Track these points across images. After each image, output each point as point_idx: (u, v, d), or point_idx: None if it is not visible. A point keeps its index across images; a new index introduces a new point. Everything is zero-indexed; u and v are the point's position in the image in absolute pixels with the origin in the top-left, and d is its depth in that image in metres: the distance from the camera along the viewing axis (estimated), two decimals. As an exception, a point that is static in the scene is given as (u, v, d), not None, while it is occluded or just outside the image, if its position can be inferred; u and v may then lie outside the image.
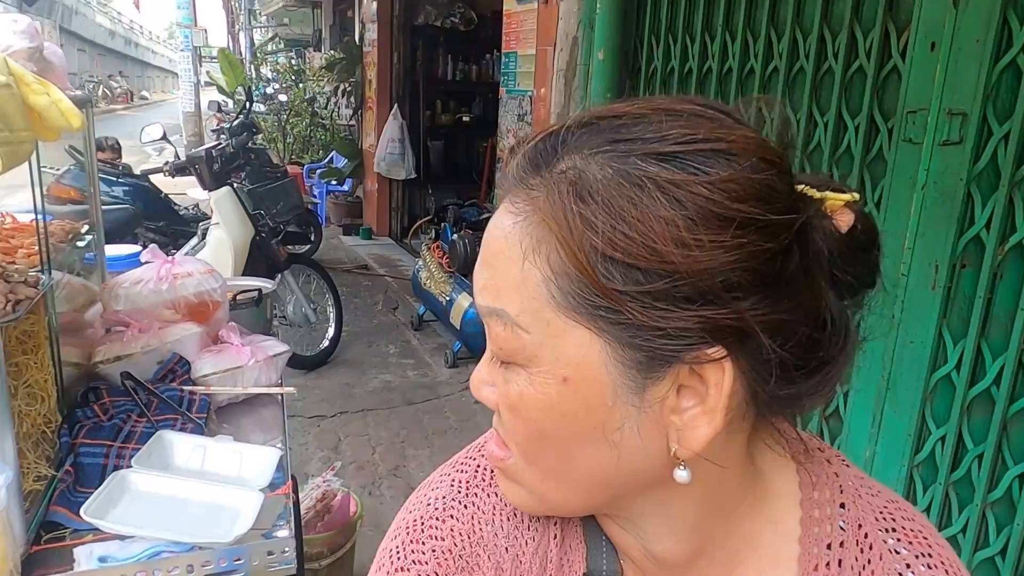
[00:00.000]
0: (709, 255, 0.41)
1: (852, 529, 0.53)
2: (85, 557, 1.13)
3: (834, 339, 0.48)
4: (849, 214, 0.48)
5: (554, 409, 0.46)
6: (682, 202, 0.41)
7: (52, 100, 1.17)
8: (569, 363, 0.45)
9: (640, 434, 0.46)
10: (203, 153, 3.74)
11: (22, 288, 1.21)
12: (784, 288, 0.44)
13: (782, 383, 0.46)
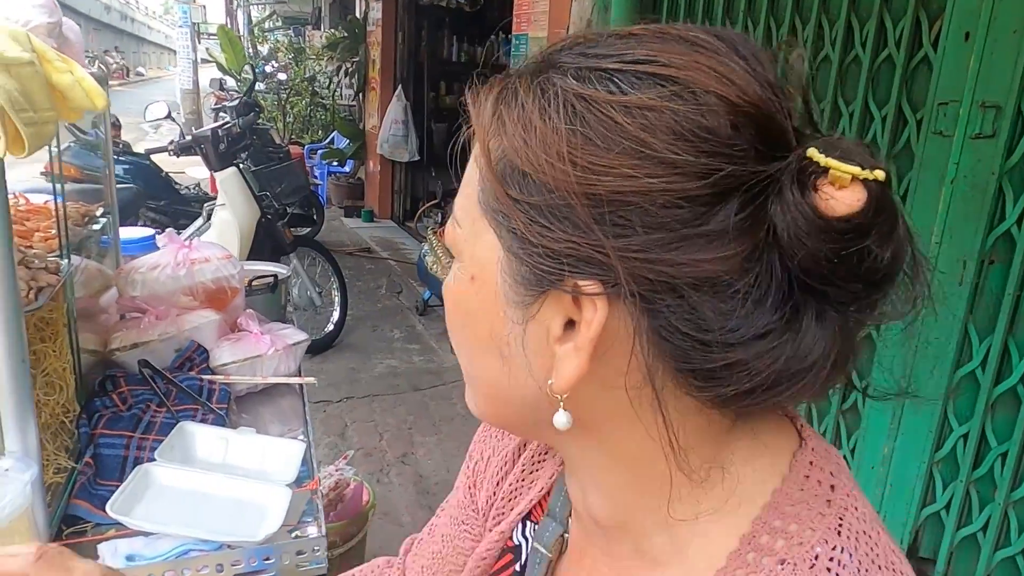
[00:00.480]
0: (597, 179, 0.38)
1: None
2: (110, 554, 1.09)
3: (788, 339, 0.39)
4: (857, 194, 0.36)
5: (461, 305, 0.47)
6: (586, 119, 0.38)
7: (76, 79, 1.12)
8: (477, 263, 0.45)
9: (525, 353, 0.44)
10: (209, 133, 3.68)
11: (43, 275, 1.17)
12: (695, 243, 0.37)
13: (692, 352, 0.39)
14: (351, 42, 8.03)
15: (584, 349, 0.41)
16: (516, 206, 0.40)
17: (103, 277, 1.62)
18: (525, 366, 0.44)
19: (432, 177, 7.60)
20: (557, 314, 0.41)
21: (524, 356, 0.44)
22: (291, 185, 4.44)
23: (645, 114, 0.38)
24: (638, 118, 0.38)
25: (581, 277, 0.39)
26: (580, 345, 0.41)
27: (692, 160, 0.37)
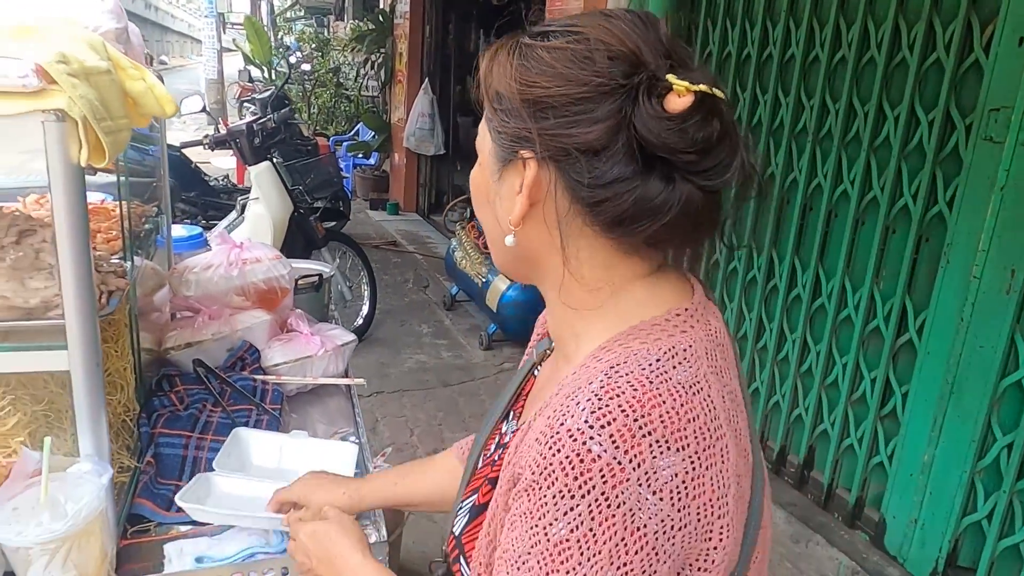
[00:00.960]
0: (529, 90, 0.63)
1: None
2: (176, 555, 1.11)
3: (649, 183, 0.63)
4: (685, 100, 0.61)
5: (474, 181, 0.75)
6: (526, 56, 0.65)
7: (148, 86, 1.13)
8: (484, 151, 0.72)
9: (501, 202, 0.71)
10: (244, 127, 3.70)
11: (112, 279, 1.18)
12: (584, 123, 0.62)
13: (592, 197, 0.64)
14: (378, 34, 8.03)
15: (524, 194, 0.66)
16: (496, 113, 0.68)
17: (157, 276, 1.64)
18: (502, 214, 0.70)
19: (458, 171, 7.60)
20: (515, 176, 0.68)
21: (500, 204, 0.71)
22: (322, 179, 4.46)
23: (556, 52, 0.63)
24: (552, 53, 0.63)
25: (523, 150, 0.65)
26: (523, 192, 0.66)
27: (581, 76, 0.62)
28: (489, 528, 0.72)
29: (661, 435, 0.58)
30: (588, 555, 0.57)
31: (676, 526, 0.58)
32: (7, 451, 1.06)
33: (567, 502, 0.57)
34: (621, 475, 0.56)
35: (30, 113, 0.91)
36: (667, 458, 0.58)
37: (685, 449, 0.59)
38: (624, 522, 0.57)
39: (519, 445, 0.68)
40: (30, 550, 0.95)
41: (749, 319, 3.18)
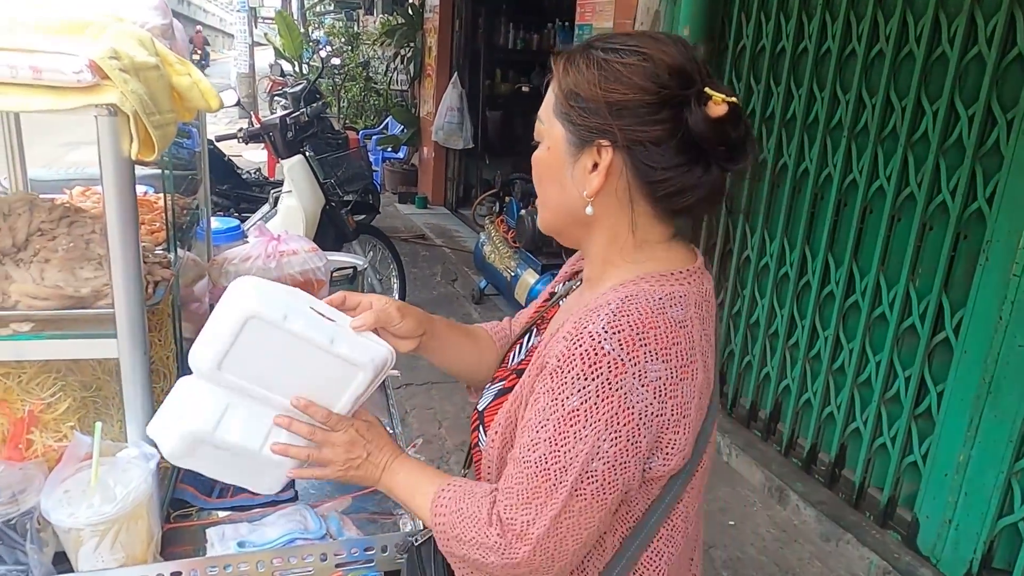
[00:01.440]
0: (609, 95, 0.83)
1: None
2: (219, 539, 1.13)
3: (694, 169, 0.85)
4: (722, 108, 0.83)
5: (543, 163, 0.93)
6: (605, 68, 0.84)
7: (193, 80, 1.16)
8: (552, 140, 0.90)
9: (574, 181, 0.89)
10: (277, 121, 3.75)
11: (157, 269, 1.21)
12: (652, 123, 0.83)
13: (655, 177, 0.85)
14: (408, 29, 8.06)
15: (601, 173, 0.86)
16: (572, 109, 0.87)
17: (197, 267, 1.67)
18: (573, 188, 0.89)
19: (487, 165, 7.61)
20: (589, 159, 0.87)
21: (572, 183, 0.89)
22: (353, 172, 4.50)
23: (631, 67, 0.83)
24: (628, 68, 0.83)
25: (601, 139, 0.85)
26: (599, 171, 0.86)
27: (650, 87, 0.82)
28: (511, 407, 0.93)
29: (654, 348, 0.81)
30: (591, 422, 0.81)
31: (655, 414, 0.82)
32: (58, 435, 1.10)
33: (581, 382, 0.81)
34: (622, 368, 0.80)
35: (84, 108, 0.94)
36: (656, 364, 0.81)
37: (668, 362, 0.82)
38: (620, 402, 0.80)
39: (548, 343, 0.90)
40: (81, 531, 0.98)
41: (780, 315, 3.15)
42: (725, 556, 2.69)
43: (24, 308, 1.04)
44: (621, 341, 0.80)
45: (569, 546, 0.85)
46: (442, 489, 0.94)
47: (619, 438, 0.81)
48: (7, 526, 0.97)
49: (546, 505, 0.84)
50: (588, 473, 0.82)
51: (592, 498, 0.83)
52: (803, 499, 2.87)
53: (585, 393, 0.80)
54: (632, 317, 0.82)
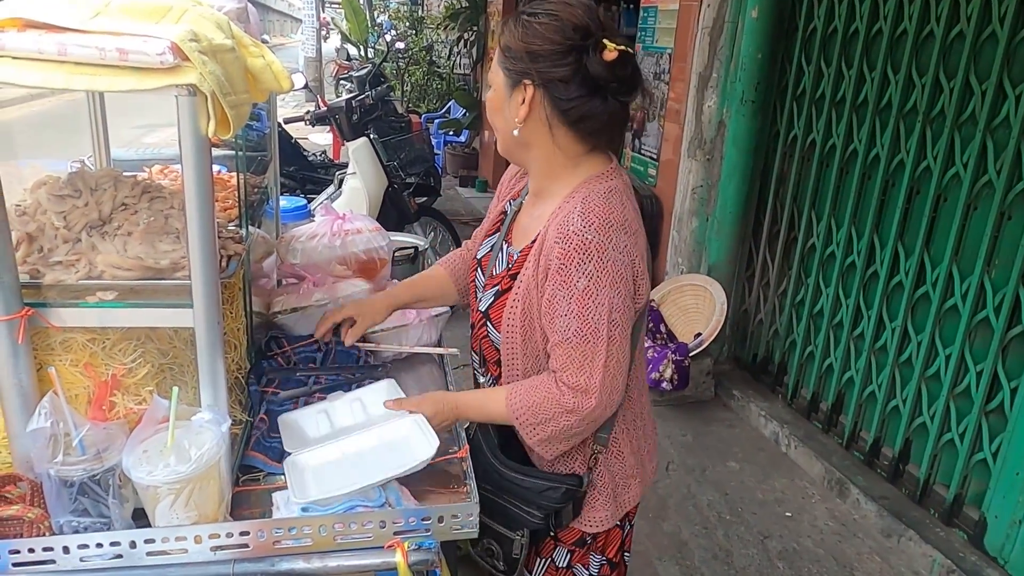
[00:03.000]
0: (528, 46, 1.15)
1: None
2: (284, 503, 1.18)
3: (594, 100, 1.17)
4: (614, 54, 1.13)
5: (491, 101, 1.26)
6: (526, 28, 1.16)
7: (267, 62, 1.20)
8: (496, 84, 1.23)
9: (509, 111, 1.21)
10: (343, 104, 3.82)
11: (230, 244, 1.26)
12: (559, 66, 1.14)
13: (565, 107, 1.17)
14: (471, 12, 8.07)
15: (526, 105, 1.18)
16: (506, 59, 1.19)
17: (266, 244, 1.73)
18: (511, 116, 1.20)
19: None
20: (519, 96, 1.18)
21: (510, 112, 1.21)
22: (415, 155, 4.55)
23: (544, 24, 1.14)
24: (542, 27, 1.14)
25: (526, 80, 1.17)
26: (524, 104, 1.18)
27: (557, 39, 1.14)
28: (521, 303, 1.25)
29: (617, 225, 1.17)
30: (600, 289, 1.15)
31: (630, 266, 1.18)
32: (138, 399, 1.17)
33: (582, 268, 1.15)
34: (604, 246, 1.15)
35: (165, 88, 0.98)
36: (621, 235, 1.17)
37: (627, 231, 1.18)
38: (612, 268, 1.15)
39: (538, 256, 1.22)
40: (158, 488, 1.05)
41: (845, 305, 3.07)
42: (780, 547, 2.66)
43: (109, 278, 1.10)
44: (597, 228, 1.15)
45: (619, 381, 1.21)
46: (509, 394, 1.25)
47: (619, 291, 1.17)
48: (92, 481, 1.04)
49: (595, 360, 1.17)
50: (613, 323, 1.17)
51: (620, 339, 1.19)
52: (864, 493, 2.80)
53: (587, 273, 1.15)
54: (595, 211, 1.17)
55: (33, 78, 0.95)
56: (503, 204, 1.45)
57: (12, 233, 1.08)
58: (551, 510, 1.32)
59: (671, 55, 4.04)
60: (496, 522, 1.37)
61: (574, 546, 1.39)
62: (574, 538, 1.38)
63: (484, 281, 1.39)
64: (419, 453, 1.21)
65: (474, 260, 1.48)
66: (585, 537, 1.38)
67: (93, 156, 1.74)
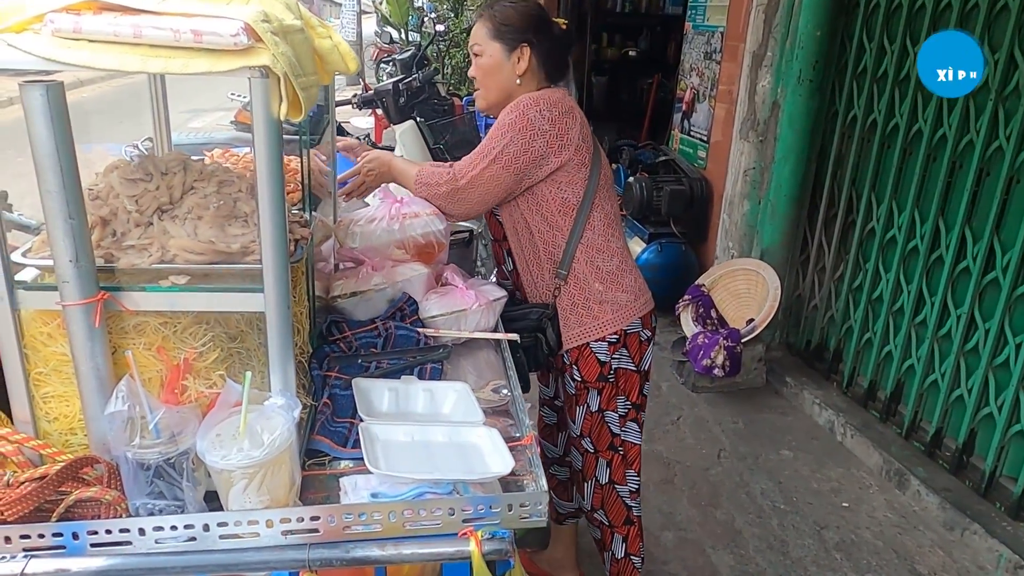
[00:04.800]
0: (514, 19, 1.78)
1: None
2: (352, 488, 1.18)
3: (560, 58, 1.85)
4: (563, 24, 1.87)
5: (486, 67, 1.82)
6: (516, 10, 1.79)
7: (334, 43, 1.18)
8: (490, 52, 1.80)
9: (508, 69, 1.80)
10: (390, 87, 3.80)
11: (297, 228, 1.26)
12: (542, 33, 1.79)
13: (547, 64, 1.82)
14: (513, -7, 7.98)
15: (524, 60, 1.78)
16: (504, 32, 1.78)
17: (325, 228, 1.72)
18: (510, 73, 1.80)
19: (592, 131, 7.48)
20: (516, 57, 1.78)
21: (509, 69, 1.79)
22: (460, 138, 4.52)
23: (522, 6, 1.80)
24: (523, 7, 1.80)
25: (523, 44, 1.78)
26: (523, 61, 1.78)
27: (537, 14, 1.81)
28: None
29: (547, 102, 1.73)
30: (509, 129, 1.72)
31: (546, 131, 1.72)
32: (208, 383, 1.17)
33: (507, 114, 1.75)
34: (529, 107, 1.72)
35: (238, 70, 0.97)
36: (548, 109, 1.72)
37: (555, 107, 1.73)
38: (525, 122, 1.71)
39: None
40: (232, 473, 1.05)
41: (907, 291, 2.98)
42: (838, 538, 2.60)
43: (181, 262, 1.10)
44: (533, 100, 1.72)
45: (477, 199, 1.77)
46: (421, 168, 1.82)
47: (523, 138, 1.70)
48: (167, 464, 1.04)
49: (477, 166, 1.73)
50: (502, 153, 1.71)
51: (500, 168, 1.72)
52: (925, 485, 2.73)
53: (509, 118, 1.72)
54: (537, 94, 1.75)
55: (109, 61, 0.95)
56: None
57: (87, 218, 1.09)
58: (532, 330, 1.83)
59: (723, 34, 3.95)
60: None
61: (599, 382, 1.86)
62: (595, 374, 1.86)
63: None
64: (494, 466, 1.21)
65: None
66: (605, 373, 1.85)
67: (154, 140, 1.75)
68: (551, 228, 1.81)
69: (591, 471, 1.96)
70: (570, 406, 1.94)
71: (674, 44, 6.68)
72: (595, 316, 1.84)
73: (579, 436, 1.94)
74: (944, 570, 2.46)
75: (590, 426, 1.91)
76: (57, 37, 0.95)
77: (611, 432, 1.91)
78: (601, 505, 1.98)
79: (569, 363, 1.88)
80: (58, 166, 0.95)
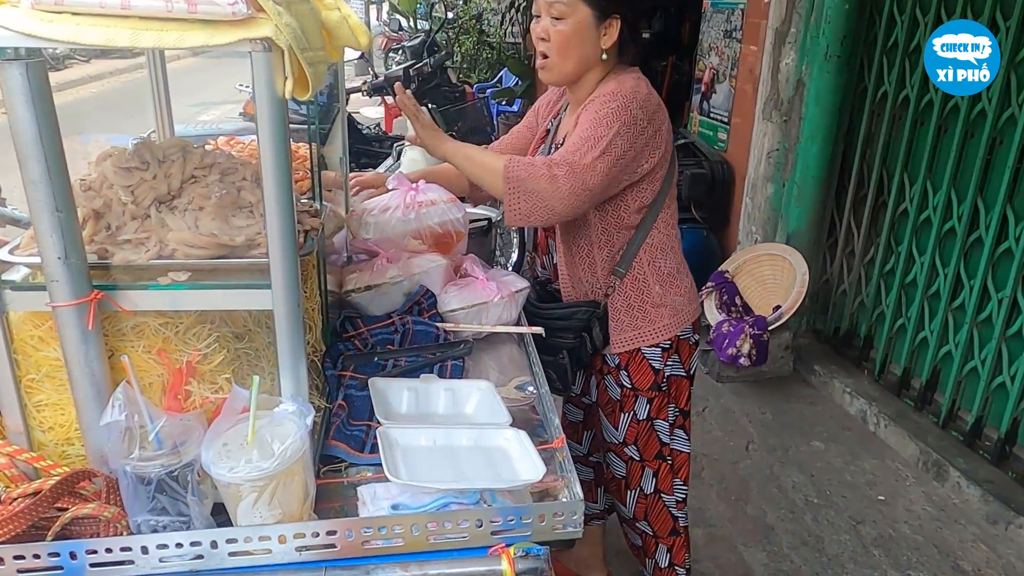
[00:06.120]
0: None
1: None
2: (371, 498, 1.09)
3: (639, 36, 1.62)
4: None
5: (569, 33, 1.54)
6: None
7: (343, 15, 1.09)
8: (580, 18, 1.53)
9: (593, 40, 1.56)
10: (400, 73, 3.71)
11: (307, 218, 1.17)
12: (636, 5, 1.58)
13: (629, 41, 1.59)
14: (522, -22, 7.84)
15: (613, 32, 1.56)
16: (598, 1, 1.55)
17: (337, 219, 1.63)
18: (595, 45, 1.57)
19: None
20: (605, 27, 1.56)
21: (594, 40, 1.56)
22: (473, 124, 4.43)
23: None
24: None
25: (615, 14, 1.55)
26: (612, 33, 1.56)
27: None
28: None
29: (644, 95, 1.53)
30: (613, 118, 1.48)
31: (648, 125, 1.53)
32: (214, 387, 1.08)
33: (606, 104, 1.50)
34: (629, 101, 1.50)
35: (238, 43, 0.87)
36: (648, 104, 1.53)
37: (651, 101, 1.54)
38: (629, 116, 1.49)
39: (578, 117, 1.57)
40: (240, 486, 0.96)
41: (943, 275, 2.85)
42: (875, 533, 2.50)
43: (181, 257, 1.01)
44: (626, 91, 1.51)
45: (588, 190, 1.46)
46: (510, 158, 1.49)
47: (629, 133, 1.48)
48: (170, 477, 0.96)
49: (591, 152, 1.46)
50: (612, 144, 1.46)
51: (609, 162, 1.47)
52: (965, 476, 2.61)
53: (610, 108, 1.49)
54: (629, 83, 1.54)
55: (95, 36, 0.85)
56: (545, 123, 1.81)
57: (78, 211, 1.00)
58: (579, 330, 1.66)
59: (743, 11, 3.81)
60: (544, 353, 1.61)
61: (651, 391, 1.72)
62: (648, 383, 1.71)
63: None
64: (524, 473, 1.12)
65: None
66: (658, 381, 1.71)
67: (156, 132, 1.66)
68: (618, 227, 1.65)
69: (636, 480, 1.82)
70: (612, 411, 1.78)
71: (689, 25, 6.52)
72: (651, 320, 1.68)
73: (621, 443, 1.80)
74: (989, 566, 2.35)
75: (636, 434, 1.77)
76: (37, 10, 0.86)
77: (660, 441, 1.77)
78: (645, 516, 1.86)
79: (616, 367, 1.73)
80: (41, 153, 0.86)
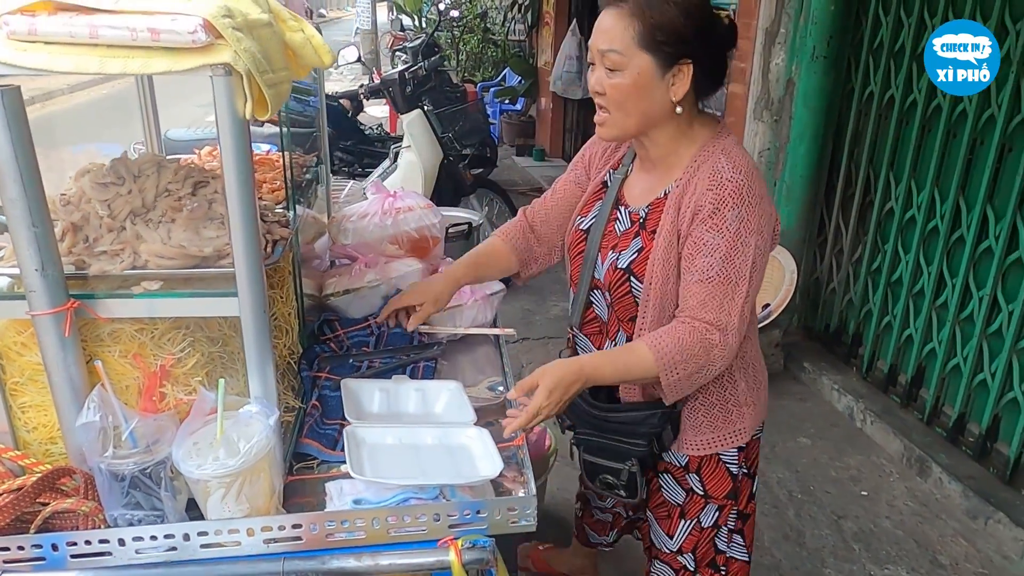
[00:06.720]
0: (677, 24, 1.20)
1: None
2: (337, 494, 1.16)
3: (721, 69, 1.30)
4: (728, 18, 1.28)
5: (627, 87, 1.24)
6: (677, 5, 1.20)
7: (306, 37, 1.15)
8: (641, 68, 1.22)
9: (659, 91, 1.25)
10: (396, 76, 3.77)
11: (276, 228, 1.23)
12: (708, 41, 1.24)
13: (705, 83, 1.27)
14: (525, -24, 7.88)
15: (686, 81, 1.24)
16: (659, 41, 1.21)
17: (317, 225, 1.70)
18: (660, 96, 1.25)
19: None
20: (672, 75, 1.24)
21: (660, 93, 1.25)
22: (471, 126, 4.48)
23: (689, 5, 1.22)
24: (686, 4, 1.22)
25: (684, 59, 1.23)
26: (684, 81, 1.24)
27: (705, 15, 1.24)
28: (657, 250, 1.31)
29: (755, 173, 1.26)
30: (750, 232, 1.24)
31: (771, 215, 1.29)
32: (188, 389, 1.15)
33: (736, 211, 1.23)
34: (753, 192, 1.24)
35: (199, 68, 0.93)
36: (759, 182, 1.26)
37: (761, 179, 1.27)
38: (758, 212, 1.24)
39: (678, 207, 1.30)
40: (208, 482, 1.02)
41: (927, 273, 2.88)
42: (857, 528, 2.54)
43: (153, 267, 1.07)
44: (746, 174, 1.25)
45: (747, 321, 1.28)
46: (651, 344, 1.25)
47: (764, 234, 1.26)
48: (143, 474, 1.02)
49: (735, 299, 1.24)
50: (754, 265, 1.25)
51: (757, 281, 1.27)
52: (947, 472, 2.65)
53: (739, 216, 1.23)
54: (737, 160, 1.26)
55: (66, 64, 0.92)
56: (602, 175, 1.49)
57: (57, 224, 1.06)
58: (652, 436, 1.40)
59: (735, 11, 3.84)
60: (605, 458, 1.44)
61: (727, 499, 1.48)
62: (724, 490, 1.48)
63: (599, 246, 1.42)
64: (483, 469, 1.18)
65: (578, 232, 1.48)
66: (737, 487, 1.48)
67: (145, 140, 1.73)
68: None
69: None
70: (668, 515, 1.54)
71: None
72: (732, 421, 1.44)
73: (675, 552, 1.56)
74: (967, 560, 2.39)
75: (695, 542, 1.53)
76: (13, 40, 0.92)
77: (715, 548, 1.54)
78: None
79: (682, 467, 1.48)
80: (17, 173, 0.93)
